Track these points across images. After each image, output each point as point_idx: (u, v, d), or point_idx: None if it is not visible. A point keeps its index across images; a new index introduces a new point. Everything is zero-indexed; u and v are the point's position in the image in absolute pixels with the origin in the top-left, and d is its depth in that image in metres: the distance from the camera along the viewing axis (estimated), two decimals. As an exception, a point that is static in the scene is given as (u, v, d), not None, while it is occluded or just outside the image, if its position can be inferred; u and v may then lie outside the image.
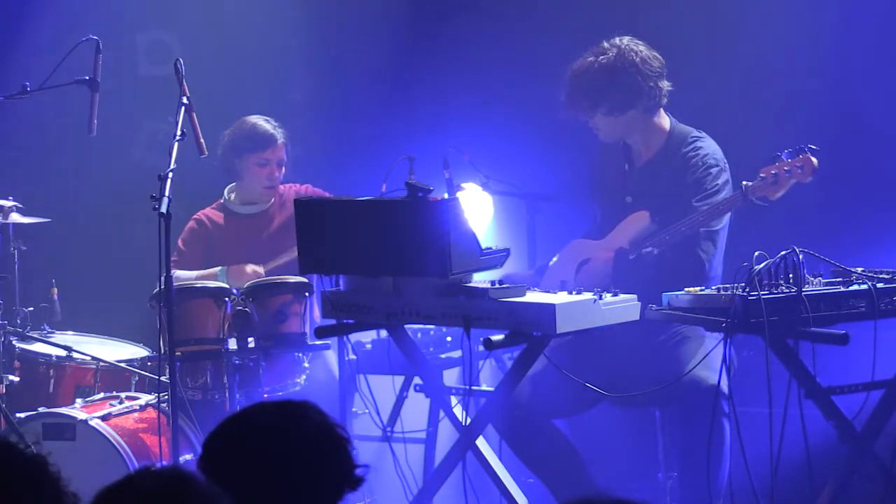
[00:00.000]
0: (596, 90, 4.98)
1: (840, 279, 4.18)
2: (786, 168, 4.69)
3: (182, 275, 5.75)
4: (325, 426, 2.51)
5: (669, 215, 4.88)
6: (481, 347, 4.21)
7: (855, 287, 4.12)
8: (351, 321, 4.48)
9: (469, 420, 4.46)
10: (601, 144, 5.20)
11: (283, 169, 6.01)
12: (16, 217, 5.75)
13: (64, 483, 2.23)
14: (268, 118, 6.04)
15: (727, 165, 4.99)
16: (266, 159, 5.96)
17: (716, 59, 6.07)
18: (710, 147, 5.02)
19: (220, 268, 5.85)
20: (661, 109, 5.08)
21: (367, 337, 5.31)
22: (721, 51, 6.08)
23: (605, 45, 5.03)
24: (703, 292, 4.24)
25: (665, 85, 5.03)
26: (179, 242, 5.98)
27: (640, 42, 5.03)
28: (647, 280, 4.73)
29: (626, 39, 5.02)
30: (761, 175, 4.72)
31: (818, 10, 5.94)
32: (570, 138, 5.64)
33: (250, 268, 5.83)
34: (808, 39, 5.95)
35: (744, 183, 4.75)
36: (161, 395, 5.13)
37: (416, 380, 4.87)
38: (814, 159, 4.66)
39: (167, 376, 4.93)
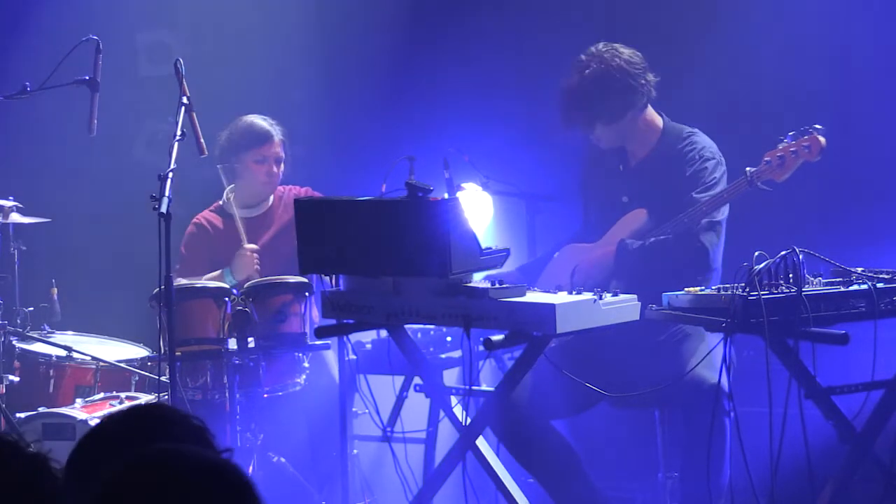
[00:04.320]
0: (592, 104, 4.98)
1: (840, 279, 4.18)
2: (792, 149, 4.70)
3: (189, 282, 5.74)
4: (177, 423, 2.44)
5: (668, 212, 4.89)
6: (481, 347, 4.21)
7: (855, 287, 4.12)
8: (351, 321, 4.48)
9: (469, 420, 4.46)
10: (592, 146, 5.21)
11: (283, 166, 5.99)
12: (16, 217, 5.75)
13: (63, 482, 2.22)
14: (264, 117, 6.03)
15: (723, 159, 5.00)
16: (263, 156, 5.95)
17: (714, 58, 6.07)
18: (705, 141, 5.04)
19: (222, 270, 5.85)
20: (651, 108, 5.09)
21: (367, 337, 5.30)
22: (719, 50, 6.08)
23: (583, 58, 5.03)
24: (703, 292, 4.24)
25: (651, 77, 5.05)
26: (182, 249, 5.97)
27: (616, 44, 5.05)
28: (650, 271, 4.73)
29: (601, 46, 5.03)
30: (766, 159, 4.73)
31: (818, 9, 5.94)
32: (569, 138, 5.64)
33: (241, 251, 5.81)
34: (807, 39, 5.95)
35: (748, 169, 4.75)
36: (161, 395, 5.14)
37: (416, 380, 4.87)
38: (821, 138, 4.68)
39: (167, 376, 4.93)
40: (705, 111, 5.55)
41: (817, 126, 4.69)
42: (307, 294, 5.41)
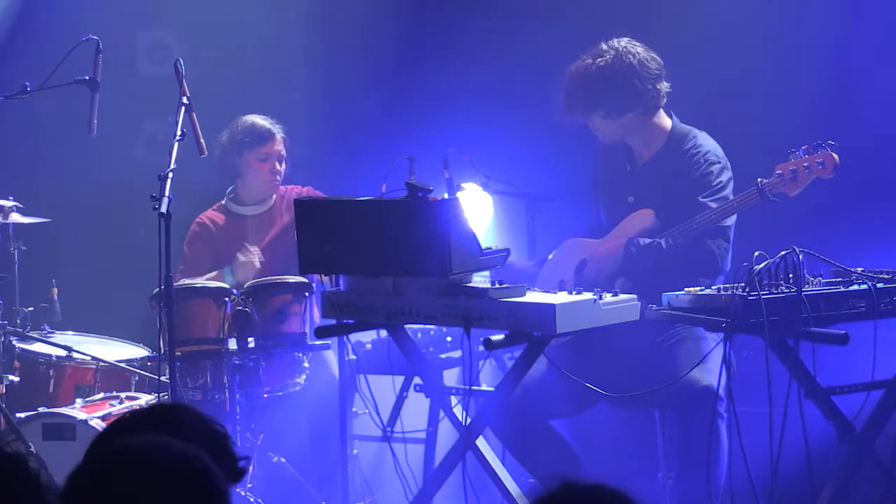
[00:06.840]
0: (592, 94, 4.97)
1: (840, 279, 4.18)
2: (805, 164, 4.68)
3: (189, 282, 5.74)
4: (199, 428, 2.42)
5: (673, 213, 4.88)
6: (481, 347, 4.21)
7: (855, 287, 4.12)
8: (351, 321, 4.48)
9: (469, 420, 4.46)
10: (603, 145, 5.21)
11: (284, 164, 6.01)
12: (16, 217, 5.75)
13: (45, 480, 2.20)
14: (264, 116, 6.04)
15: (728, 164, 5.00)
16: (266, 154, 5.97)
17: (715, 57, 6.07)
18: (710, 144, 5.03)
19: (222, 269, 5.85)
20: (661, 110, 5.08)
21: (367, 337, 5.31)
22: (720, 49, 6.08)
23: (604, 46, 5.01)
24: (703, 292, 4.24)
25: (664, 86, 5.02)
26: (185, 248, 5.98)
27: (639, 44, 5.02)
28: (660, 273, 4.73)
29: (624, 41, 5.01)
30: (778, 172, 4.71)
31: (819, 8, 5.94)
32: (570, 138, 5.65)
33: (243, 252, 5.82)
34: (807, 38, 5.95)
35: (759, 180, 4.73)
36: (161, 395, 5.14)
37: (416, 380, 4.87)
38: (835, 155, 4.67)
39: (167, 376, 4.93)
40: (703, 111, 5.55)
41: (831, 142, 4.68)
42: (307, 294, 5.41)
